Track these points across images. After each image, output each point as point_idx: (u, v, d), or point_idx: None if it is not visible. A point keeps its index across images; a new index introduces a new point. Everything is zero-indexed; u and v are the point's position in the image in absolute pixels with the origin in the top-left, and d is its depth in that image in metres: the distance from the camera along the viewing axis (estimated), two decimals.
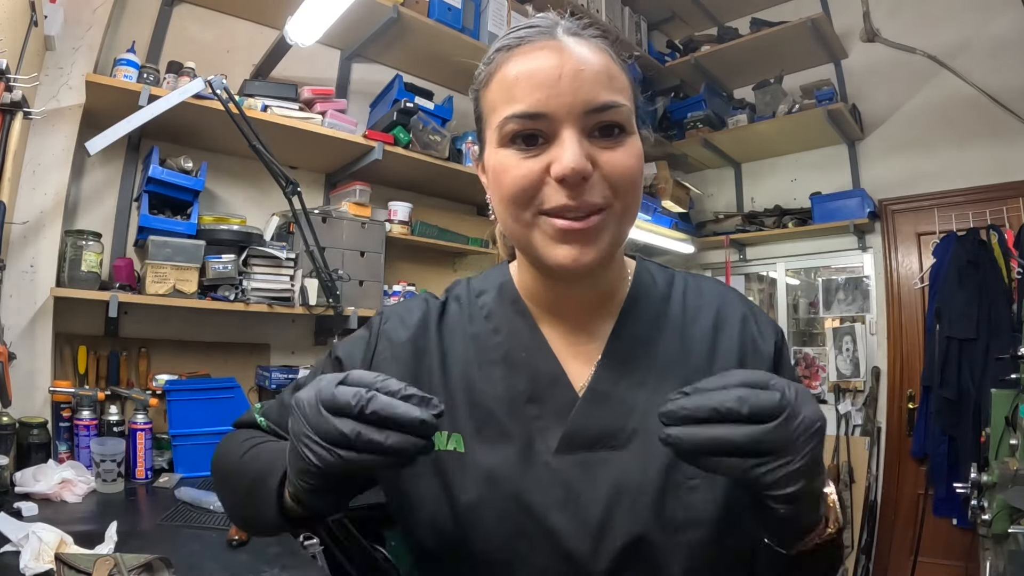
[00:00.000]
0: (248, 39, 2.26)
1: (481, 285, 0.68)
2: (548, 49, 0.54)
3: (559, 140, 0.53)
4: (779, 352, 0.65)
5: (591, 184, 0.53)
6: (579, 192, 0.53)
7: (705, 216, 3.70)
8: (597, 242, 0.55)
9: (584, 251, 0.54)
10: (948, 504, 2.55)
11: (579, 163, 0.52)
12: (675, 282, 0.68)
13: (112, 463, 1.55)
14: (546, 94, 0.53)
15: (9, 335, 1.58)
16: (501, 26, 2.57)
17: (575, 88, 0.53)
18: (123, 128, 1.60)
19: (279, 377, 2.09)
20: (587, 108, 0.53)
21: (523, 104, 0.53)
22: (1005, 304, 2.54)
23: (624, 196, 0.55)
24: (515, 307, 0.64)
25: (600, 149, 0.54)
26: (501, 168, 0.56)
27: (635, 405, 0.59)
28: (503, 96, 0.55)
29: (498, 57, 0.57)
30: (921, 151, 2.98)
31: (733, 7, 3.49)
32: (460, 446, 0.59)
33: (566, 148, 0.52)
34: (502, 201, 0.57)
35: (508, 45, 0.57)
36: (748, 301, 0.70)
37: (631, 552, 0.54)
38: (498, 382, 0.61)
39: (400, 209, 2.46)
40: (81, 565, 0.96)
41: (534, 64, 0.54)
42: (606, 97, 0.54)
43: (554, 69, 0.53)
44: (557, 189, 0.53)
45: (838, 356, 3.11)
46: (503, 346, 0.62)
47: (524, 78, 0.54)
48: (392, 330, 0.66)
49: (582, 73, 0.53)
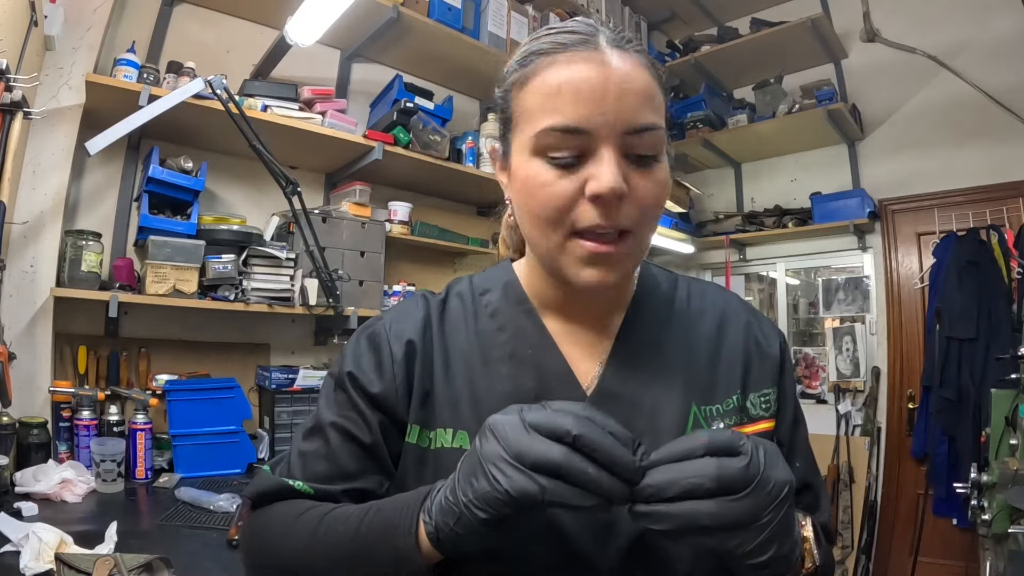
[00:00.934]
0: (248, 39, 2.26)
1: (484, 283, 0.67)
2: (593, 62, 0.53)
3: (597, 158, 0.52)
4: (783, 355, 0.66)
5: (623, 206, 0.53)
6: (611, 212, 0.53)
7: (705, 216, 3.70)
8: (622, 265, 0.56)
9: (609, 273, 0.56)
10: (948, 504, 2.55)
11: (618, 183, 0.52)
12: (679, 284, 0.69)
13: (112, 463, 1.55)
14: (590, 110, 0.52)
15: (9, 335, 1.58)
16: (501, 26, 2.57)
17: (619, 107, 0.52)
18: (123, 128, 1.60)
19: (279, 377, 2.08)
20: (629, 128, 0.52)
21: (565, 117, 0.52)
22: (1005, 304, 2.54)
23: (650, 221, 0.56)
24: (521, 306, 0.64)
25: (634, 172, 0.54)
26: (535, 181, 0.55)
27: (642, 405, 0.59)
28: (543, 104, 0.54)
29: (538, 61, 0.55)
30: (921, 151, 2.98)
31: (733, 7, 3.49)
32: (466, 443, 0.58)
33: (604, 167, 0.52)
34: (533, 217, 0.56)
35: (549, 50, 0.55)
36: (750, 306, 0.71)
37: (637, 552, 0.54)
38: (504, 380, 0.60)
39: (400, 209, 2.46)
40: (81, 565, 0.96)
41: (578, 75, 0.53)
42: (648, 118, 0.53)
43: (600, 84, 0.52)
44: (590, 208, 0.53)
45: (838, 356, 3.11)
46: (509, 344, 0.62)
47: (568, 90, 0.53)
48: (399, 331, 0.63)
49: (627, 92, 0.52)
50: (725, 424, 0.60)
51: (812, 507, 0.63)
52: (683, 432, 0.58)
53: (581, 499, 0.42)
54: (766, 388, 0.63)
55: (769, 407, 0.62)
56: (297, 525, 0.56)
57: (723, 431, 0.47)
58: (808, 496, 0.64)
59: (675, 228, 3.37)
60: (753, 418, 0.61)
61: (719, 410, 0.60)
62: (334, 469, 0.59)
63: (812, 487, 0.65)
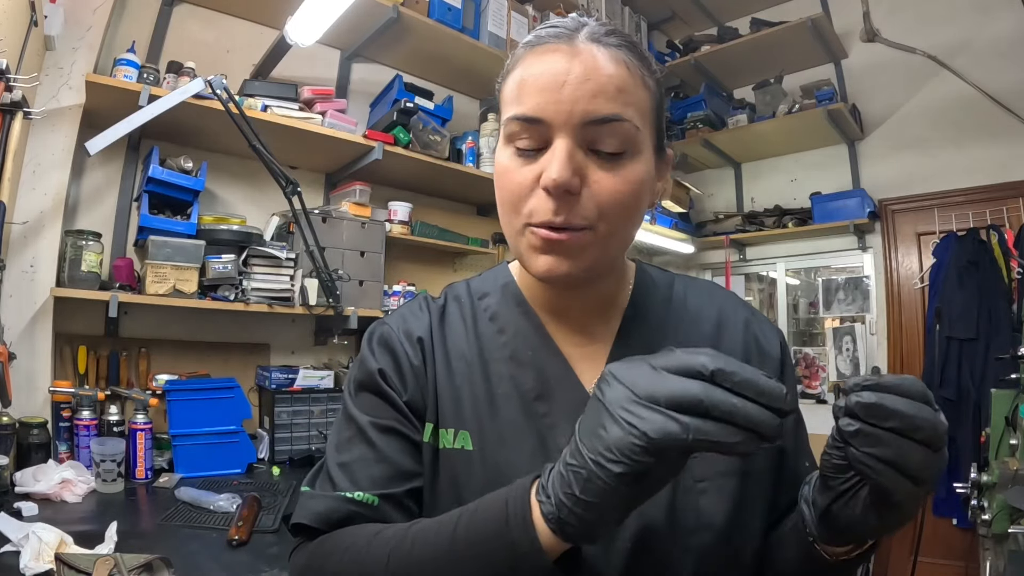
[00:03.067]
0: (248, 39, 2.26)
1: (482, 287, 0.67)
2: (561, 53, 0.53)
3: (551, 149, 0.53)
4: (784, 354, 0.66)
5: (579, 201, 0.52)
6: (564, 206, 0.52)
7: (705, 216, 3.70)
8: (578, 257, 0.54)
9: (562, 262, 0.54)
10: (948, 504, 2.55)
11: (563, 176, 0.51)
12: (675, 285, 0.69)
13: (112, 463, 1.55)
14: (546, 99, 0.52)
15: (9, 335, 1.58)
16: (501, 26, 2.57)
17: (576, 96, 0.51)
18: (123, 128, 1.60)
19: (279, 377, 2.09)
20: (585, 119, 0.52)
21: (524, 106, 0.53)
22: (1005, 304, 2.54)
23: (611, 220, 0.54)
24: (520, 308, 0.64)
25: (595, 166, 0.53)
26: (503, 169, 0.56)
27: None
28: (512, 94, 0.55)
29: (520, 54, 0.57)
30: (921, 151, 2.98)
31: (733, 7, 3.49)
32: (468, 444, 0.58)
33: (555, 158, 0.51)
34: (500, 203, 0.58)
35: (532, 43, 0.56)
36: (748, 305, 0.70)
37: (640, 553, 0.54)
38: (505, 381, 0.60)
39: (400, 209, 2.46)
40: (81, 565, 0.96)
41: (543, 66, 0.53)
42: (608, 109, 0.52)
43: (560, 75, 0.52)
44: (545, 199, 0.52)
45: (838, 356, 3.11)
46: (509, 345, 0.62)
47: (531, 79, 0.53)
48: (408, 330, 0.63)
49: (587, 82, 0.52)
50: None
51: None
52: None
53: (729, 435, 0.37)
54: None
55: None
56: (373, 550, 0.49)
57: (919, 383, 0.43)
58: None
59: (675, 228, 3.37)
60: None
61: None
62: (389, 469, 0.56)
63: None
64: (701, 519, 0.55)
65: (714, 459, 0.56)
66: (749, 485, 0.58)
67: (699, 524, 0.55)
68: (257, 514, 1.41)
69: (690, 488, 0.56)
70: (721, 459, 0.56)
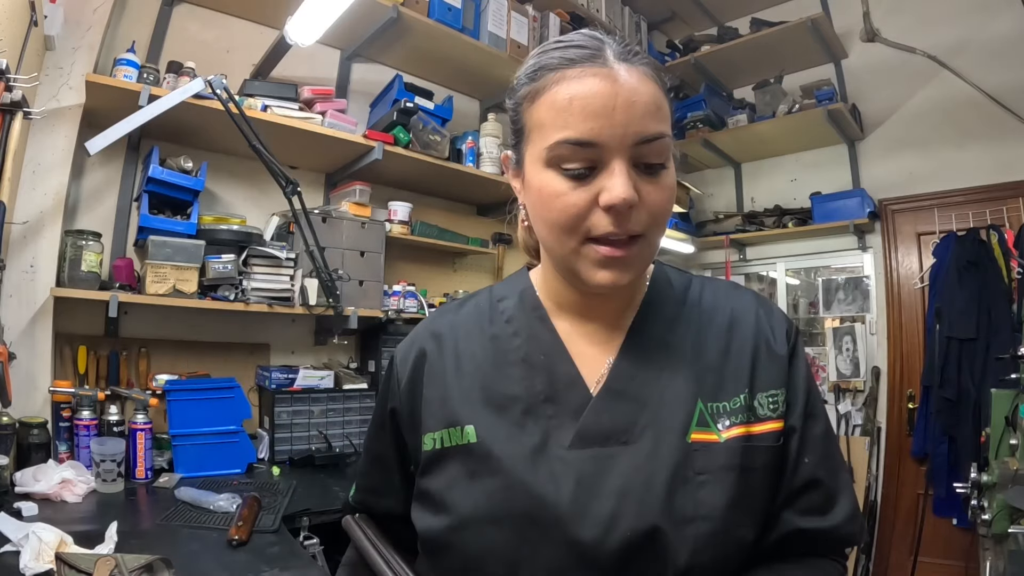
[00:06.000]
0: (248, 39, 2.26)
1: (502, 292, 0.72)
2: (601, 77, 0.56)
3: (608, 170, 0.56)
4: (793, 350, 0.65)
5: (634, 213, 0.57)
6: (624, 220, 0.56)
7: (705, 216, 3.70)
8: (633, 267, 0.60)
9: (622, 275, 0.59)
10: (948, 504, 2.55)
11: (629, 194, 0.55)
12: (692, 285, 0.70)
13: (112, 463, 1.55)
14: (600, 124, 0.55)
15: (9, 335, 1.58)
16: (501, 26, 2.57)
17: (628, 119, 0.55)
18: (123, 128, 1.60)
19: (279, 377, 2.09)
20: (637, 140, 0.55)
21: (576, 132, 0.55)
22: (1005, 304, 2.54)
23: (660, 225, 0.60)
24: (536, 312, 0.68)
25: (643, 180, 0.57)
26: (550, 192, 0.58)
27: (647, 401, 0.61)
28: (554, 119, 0.57)
29: (548, 76, 0.58)
30: (921, 151, 2.98)
31: (733, 7, 3.49)
32: (473, 437, 0.61)
33: (616, 179, 0.55)
34: (549, 224, 0.59)
35: (558, 65, 0.58)
36: (762, 299, 0.70)
37: (639, 543, 0.55)
38: (516, 382, 0.63)
39: (400, 209, 2.46)
40: (81, 565, 0.96)
41: (588, 91, 0.55)
42: (656, 128, 0.56)
43: (609, 99, 0.55)
44: (603, 216, 0.56)
45: (838, 356, 3.11)
46: (523, 348, 0.65)
47: (579, 105, 0.55)
48: (405, 352, 0.72)
49: (635, 104, 0.55)
50: (731, 422, 0.60)
51: (822, 508, 0.60)
52: (688, 428, 0.59)
53: None
54: (774, 389, 0.62)
55: (777, 408, 0.62)
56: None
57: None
58: (816, 495, 0.60)
59: (675, 228, 3.37)
60: (760, 418, 0.61)
61: (726, 408, 0.61)
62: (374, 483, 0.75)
63: (821, 485, 0.61)
64: (699, 509, 0.56)
65: (715, 453, 0.58)
66: (749, 480, 0.58)
67: (698, 514, 0.56)
68: (257, 514, 1.41)
69: (690, 479, 0.57)
70: (722, 454, 0.58)
